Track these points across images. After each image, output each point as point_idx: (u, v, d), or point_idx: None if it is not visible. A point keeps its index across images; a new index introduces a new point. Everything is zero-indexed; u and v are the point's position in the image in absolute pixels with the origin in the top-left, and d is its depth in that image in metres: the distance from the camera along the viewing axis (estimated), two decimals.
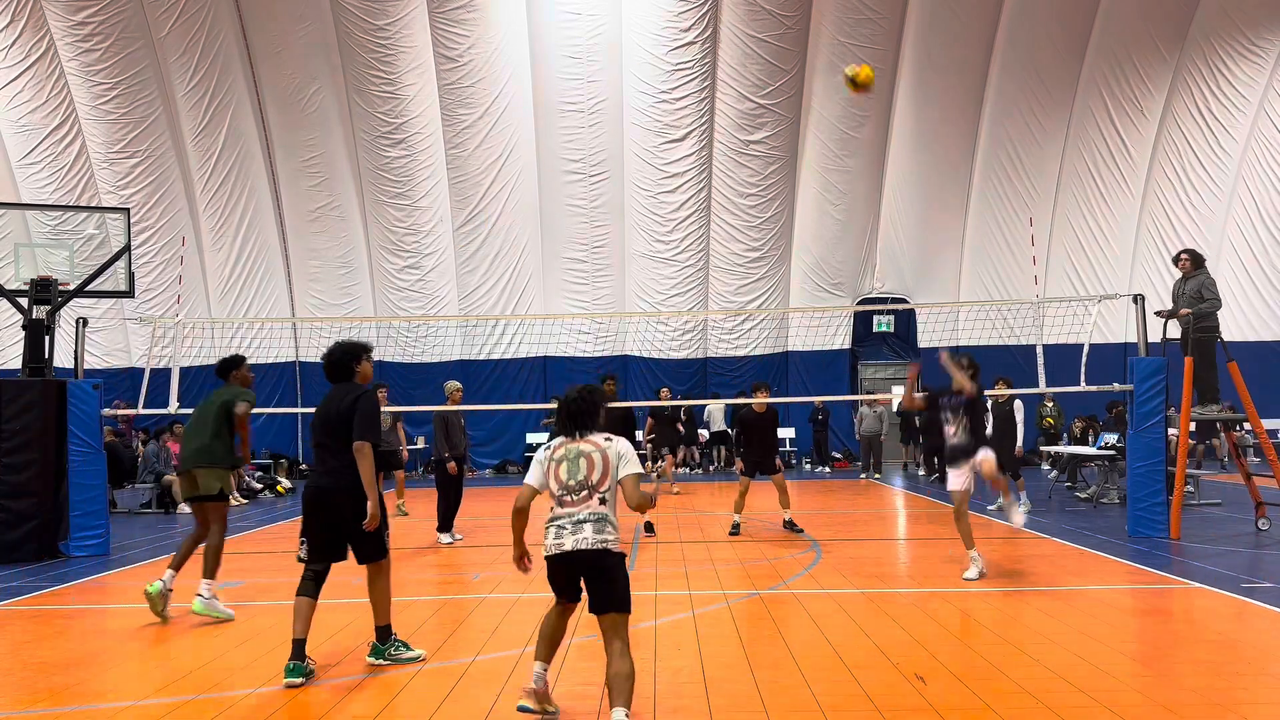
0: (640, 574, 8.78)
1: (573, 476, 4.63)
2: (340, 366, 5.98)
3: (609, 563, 4.54)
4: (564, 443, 4.76)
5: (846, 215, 23.06)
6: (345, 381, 5.97)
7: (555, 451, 4.75)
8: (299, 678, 5.39)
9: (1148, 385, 10.65)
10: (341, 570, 6.00)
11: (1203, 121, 22.71)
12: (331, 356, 5.99)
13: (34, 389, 10.80)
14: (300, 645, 5.50)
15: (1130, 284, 22.16)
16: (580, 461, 4.65)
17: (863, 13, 21.35)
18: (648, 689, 5.24)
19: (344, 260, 23.36)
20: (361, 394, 5.84)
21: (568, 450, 4.71)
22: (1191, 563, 8.80)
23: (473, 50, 21.63)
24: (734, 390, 22.09)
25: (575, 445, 4.72)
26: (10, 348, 20.96)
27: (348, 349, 6.01)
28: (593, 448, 4.69)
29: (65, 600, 8.31)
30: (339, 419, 5.75)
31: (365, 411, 5.73)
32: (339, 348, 6.01)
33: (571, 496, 4.61)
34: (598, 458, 4.65)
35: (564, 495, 4.63)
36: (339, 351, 5.99)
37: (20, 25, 20.93)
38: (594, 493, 4.59)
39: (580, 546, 4.50)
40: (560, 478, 4.66)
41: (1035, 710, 4.72)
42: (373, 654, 5.83)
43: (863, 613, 6.97)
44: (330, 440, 5.78)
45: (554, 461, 4.72)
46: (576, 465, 4.65)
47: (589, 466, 4.64)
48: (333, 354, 5.99)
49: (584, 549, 4.50)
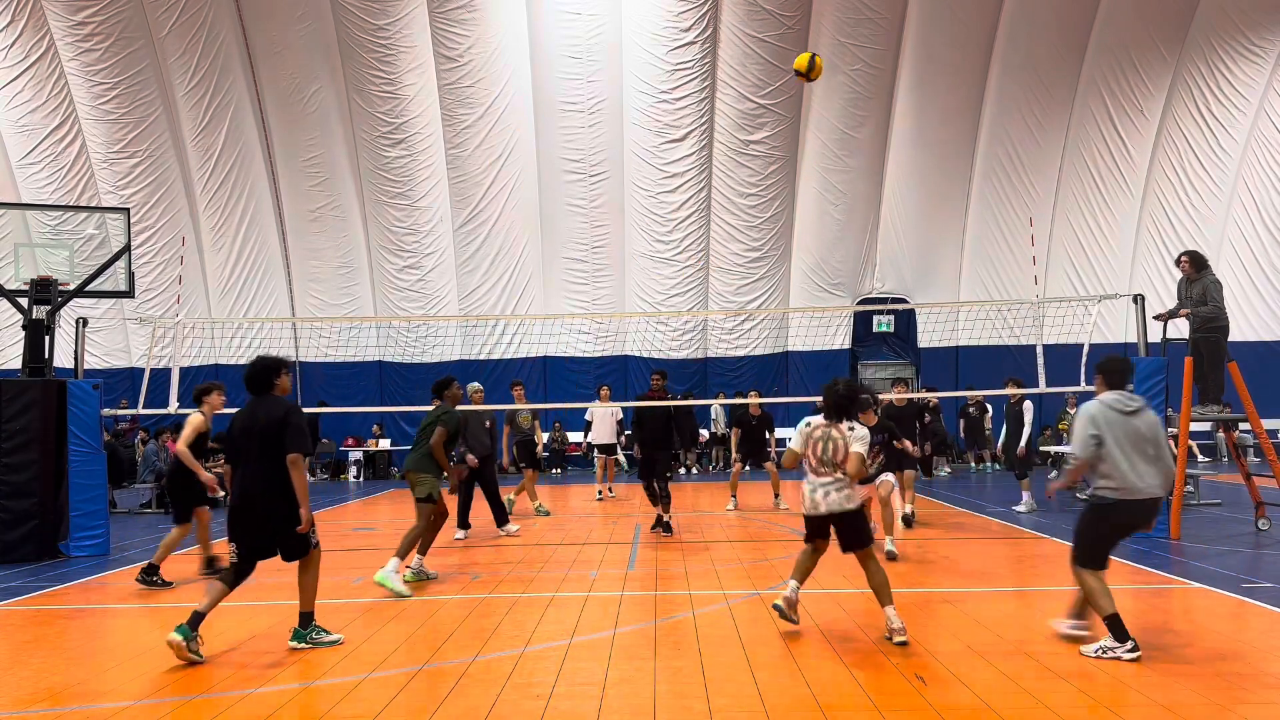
0: (640, 574, 8.79)
1: (826, 453, 6.18)
2: (260, 380, 6.34)
3: (853, 518, 6.19)
4: (822, 424, 6.27)
5: (846, 215, 23.05)
6: (265, 394, 6.34)
7: (815, 430, 6.27)
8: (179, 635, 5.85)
9: (1148, 385, 10.65)
10: (336, 571, 5.99)
11: (1203, 121, 22.70)
12: (252, 370, 6.35)
13: (34, 389, 10.80)
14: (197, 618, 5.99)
15: (1130, 284, 22.15)
16: (829, 444, 6.19)
17: (863, 13, 21.35)
18: (648, 689, 5.24)
19: (344, 260, 23.36)
20: (291, 408, 6.25)
21: (825, 432, 6.23)
22: (1191, 563, 8.80)
23: (473, 50, 21.63)
24: (733, 391, 22.09)
25: (829, 429, 6.23)
26: (10, 348, 20.94)
27: (268, 364, 6.39)
28: (840, 435, 6.19)
29: (65, 600, 8.31)
30: (267, 431, 6.11)
31: (296, 425, 6.16)
32: (259, 362, 6.39)
33: (825, 468, 6.18)
34: (842, 444, 6.17)
35: (819, 466, 6.20)
36: (259, 365, 6.37)
37: (20, 25, 20.94)
38: (838, 468, 6.16)
39: (833, 509, 6.15)
40: (816, 453, 6.20)
41: (1035, 710, 4.72)
42: (294, 638, 6.26)
43: (863, 613, 6.97)
44: (258, 450, 6.12)
45: (813, 439, 6.24)
46: (829, 445, 6.18)
47: (834, 449, 6.17)
48: (254, 367, 6.36)
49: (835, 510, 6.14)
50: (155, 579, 8.58)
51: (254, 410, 6.26)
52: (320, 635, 6.33)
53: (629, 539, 11.17)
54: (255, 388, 6.36)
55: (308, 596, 6.34)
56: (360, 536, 12.20)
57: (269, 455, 6.10)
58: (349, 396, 22.49)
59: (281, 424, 6.12)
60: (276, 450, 6.10)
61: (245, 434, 6.19)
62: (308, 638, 6.27)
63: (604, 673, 5.56)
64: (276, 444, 6.10)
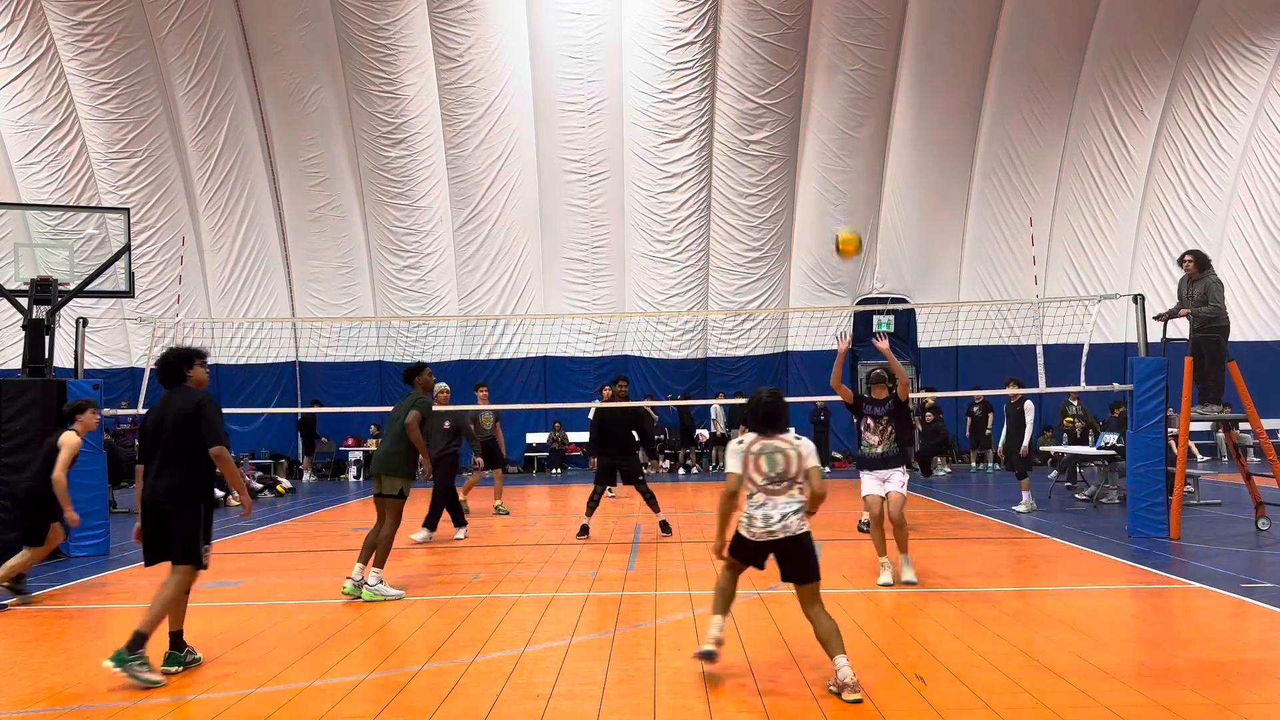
0: (640, 574, 8.79)
1: (775, 468, 5.38)
2: (172, 371, 5.98)
3: (806, 543, 5.36)
4: (759, 439, 5.49)
5: (846, 215, 23.01)
6: (178, 386, 5.98)
7: (753, 446, 5.47)
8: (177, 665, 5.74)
9: (1148, 385, 10.65)
10: (336, 571, 5.98)
11: (1203, 121, 22.70)
12: (164, 361, 6.02)
13: (34, 389, 10.80)
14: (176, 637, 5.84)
15: (1130, 284, 22.15)
16: (775, 458, 5.41)
17: (863, 13, 21.35)
18: (648, 689, 5.24)
19: (344, 260, 23.35)
20: (204, 399, 5.88)
21: (765, 446, 5.46)
22: (1191, 563, 8.79)
23: (473, 50, 21.62)
24: (733, 391, 22.10)
25: (770, 442, 5.47)
26: (10, 348, 20.93)
27: (180, 354, 6.04)
28: (787, 445, 5.46)
29: (65, 600, 8.31)
30: (178, 424, 5.78)
31: (210, 418, 5.81)
32: (171, 353, 6.06)
33: (773, 486, 5.38)
34: (793, 454, 5.42)
35: (766, 485, 5.39)
36: (171, 356, 6.03)
37: (20, 25, 20.93)
38: (792, 484, 5.39)
39: (789, 533, 5.28)
40: (762, 470, 5.39)
41: (1035, 710, 4.72)
42: (113, 659, 5.43)
43: (863, 613, 6.97)
44: (167, 444, 5.80)
45: (752, 455, 5.44)
46: (776, 459, 5.41)
47: (784, 463, 5.40)
48: (165, 359, 6.03)
49: (792, 534, 5.29)
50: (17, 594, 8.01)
51: (165, 403, 5.92)
52: (140, 669, 5.45)
53: (629, 539, 11.18)
54: (168, 380, 5.99)
55: (152, 614, 5.59)
56: (360, 536, 12.17)
57: (178, 449, 5.76)
58: (349, 396, 22.49)
59: (194, 416, 5.77)
60: (186, 444, 5.76)
61: (156, 428, 5.86)
62: (128, 665, 5.42)
63: (604, 673, 5.56)
64: (187, 437, 5.75)
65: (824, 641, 5.20)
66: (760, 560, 5.47)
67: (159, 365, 6.02)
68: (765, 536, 5.32)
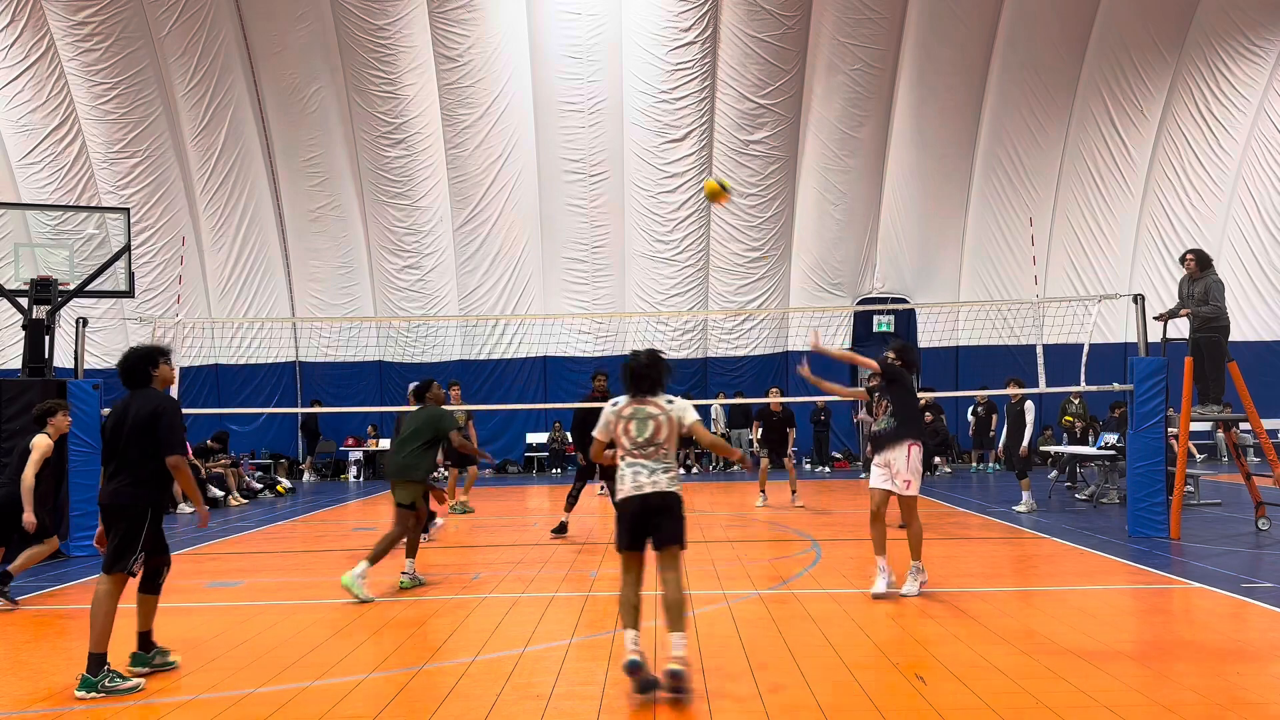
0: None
1: (641, 434, 5.36)
2: (136, 371, 5.79)
3: (673, 502, 5.35)
4: (630, 402, 5.44)
5: (846, 215, 23.05)
6: (143, 387, 5.80)
7: (624, 409, 5.43)
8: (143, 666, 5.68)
9: (1148, 385, 10.65)
10: (337, 571, 5.97)
11: (1203, 121, 22.70)
12: (127, 361, 5.81)
13: (34, 389, 10.79)
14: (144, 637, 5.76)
15: (1130, 284, 22.15)
16: (645, 423, 5.37)
17: (863, 13, 21.35)
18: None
19: (344, 260, 23.36)
20: (162, 404, 5.69)
21: (636, 410, 5.41)
22: (1191, 563, 8.79)
23: (473, 50, 21.63)
24: (732, 390, 22.13)
25: (642, 406, 5.41)
26: (10, 348, 20.94)
27: (143, 353, 5.85)
28: (658, 410, 5.40)
29: (65, 600, 8.31)
30: (137, 428, 5.60)
31: (169, 422, 5.62)
32: (134, 352, 5.85)
33: (642, 451, 5.35)
34: (663, 420, 5.38)
35: (633, 449, 5.37)
36: (134, 356, 5.82)
37: (20, 25, 20.92)
38: (660, 449, 5.36)
39: (658, 489, 5.29)
40: (631, 434, 5.37)
41: (1035, 710, 4.72)
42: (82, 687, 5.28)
43: (863, 613, 6.97)
44: (124, 447, 5.63)
45: (623, 419, 5.41)
46: (645, 425, 5.37)
47: (654, 429, 5.36)
48: (128, 359, 5.81)
49: (660, 490, 5.29)
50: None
51: (126, 405, 5.71)
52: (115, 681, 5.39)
53: None
54: (132, 380, 5.78)
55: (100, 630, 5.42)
56: (361, 536, 12.19)
57: (134, 453, 5.59)
58: (349, 396, 22.50)
59: (151, 419, 5.58)
60: (142, 448, 5.59)
61: (115, 430, 5.67)
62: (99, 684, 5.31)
63: (604, 673, 5.56)
64: (144, 442, 5.59)
65: (667, 609, 5.29)
66: (640, 538, 5.35)
67: (121, 365, 5.81)
68: (634, 491, 5.32)
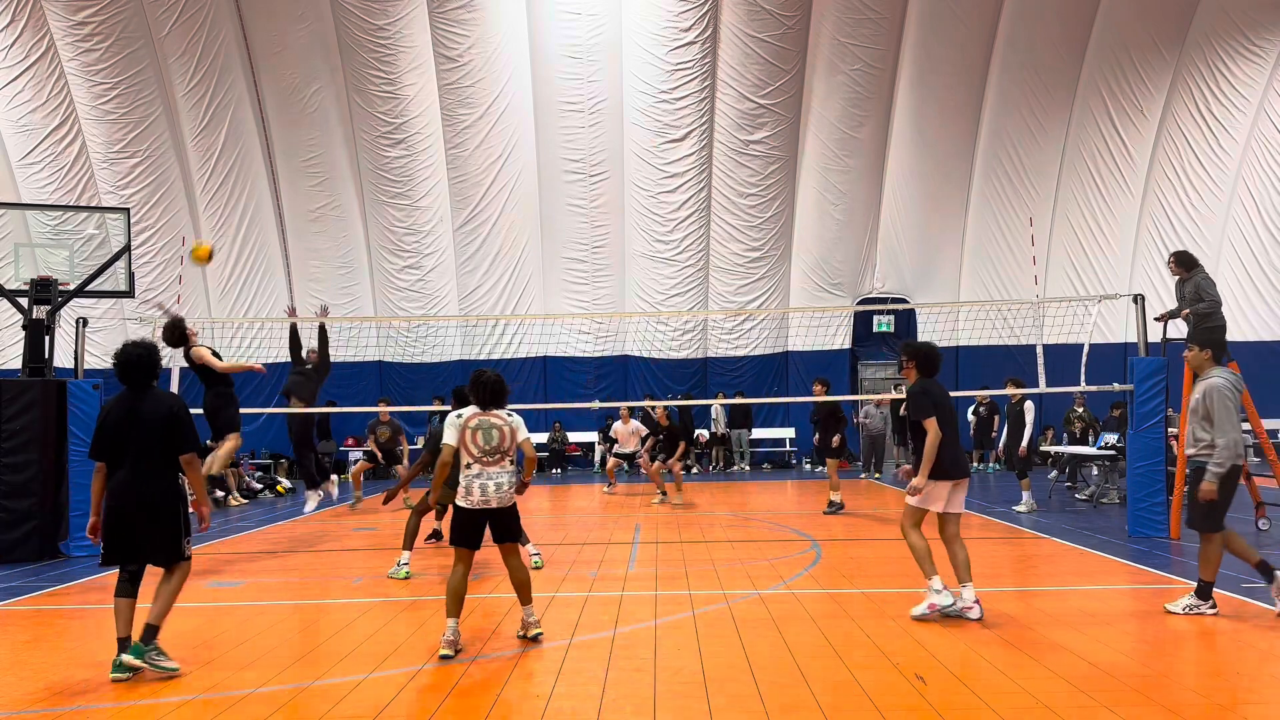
0: (640, 574, 8.79)
1: (490, 442, 5.99)
2: (145, 369, 5.71)
3: (514, 510, 6.13)
4: (476, 414, 6.07)
5: (846, 215, 23.05)
6: (146, 385, 5.75)
7: (470, 420, 6.04)
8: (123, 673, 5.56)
9: (1148, 385, 10.66)
10: (337, 571, 5.97)
11: (1203, 121, 22.69)
12: (132, 358, 5.68)
13: (34, 389, 10.80)
14: (125, 643, 5.64)
15: (1130, 284, 22.15)
16: (491, 433, 6.01)
17: (863, 13, 21.35)
18: (648, 689, 5.24)
19: (344, 260, 23.36)
20: (178, 405, 5.77)
21: (482, 421, 6.04)
22: (1191, 563, 8.78)
23: (473, 50, 21.63)
24: (733, 390, 22.13)
25: (486, 418, 6.07)
26: (10, 348, 20.93)
27: (151, 347, 5.78)
28: (501, 421, 6.08)
29: (65, 600, 8.31)
30: (157, 428, 5.62)
31: (191, 425, 5.78)
32: (140, 346, 5.74)
33: (488, 458, 5.98)
34: (507, 430, 6.07)
35: (482, 457, 5.97)
36: (144, 350, 5.72)
37: (20, 25, 20.91)
38: (505, 456, 6.02)
39: (503, 503, 6.01)
40: (478, 443, 5.97)
41: (1035, 710, 4.72)
42: (133, 652, 5.56)
43: (863, 613, 6.97)
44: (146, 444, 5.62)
45: (470, 429, 6.00)
46: (491, 434, 6.01)
47: (499, 437, 6.02)
48: (134, 355, 5.68)
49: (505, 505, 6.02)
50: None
51: (134, 405, 5.64)
52: (159, 659, 5.62)
53: (629, 539, 11.18)
54: (138, 378, 5.70)
55: (162, 607, 5.68)
56: (362, 536, 12.20)
57: (162, 451, 5.62)
58: (349, 397, 22.47)
59: (172, 420, 5.64)
60: (168, 446, 5.63)
61: (130, 427, 5.60)
62: (145, 656, 5.57)
63: (604, 673, 5.56)
64: (167, 441, 5.62)
65: (516, 588, 6.19)
66: (477, 535, 6.03)
67: (127, 361, 5.67)
68: (482, 504, 5.95)
